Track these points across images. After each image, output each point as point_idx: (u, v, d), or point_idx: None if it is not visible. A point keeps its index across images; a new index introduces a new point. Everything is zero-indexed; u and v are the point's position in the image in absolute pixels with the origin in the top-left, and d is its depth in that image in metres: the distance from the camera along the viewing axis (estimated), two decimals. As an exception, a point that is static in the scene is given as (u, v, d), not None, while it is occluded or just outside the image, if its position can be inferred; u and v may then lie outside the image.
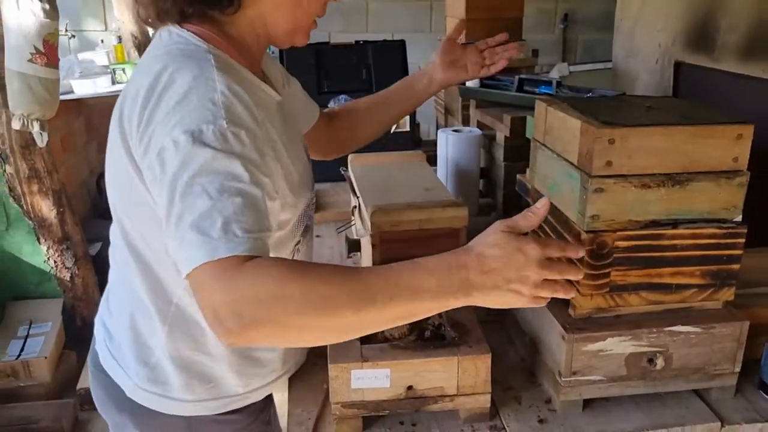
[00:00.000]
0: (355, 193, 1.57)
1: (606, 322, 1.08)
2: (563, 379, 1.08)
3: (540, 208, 0.86)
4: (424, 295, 0.78)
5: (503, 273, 0.79)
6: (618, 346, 1.07)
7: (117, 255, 1.07)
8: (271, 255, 0.82)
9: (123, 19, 4.48)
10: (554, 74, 4.67)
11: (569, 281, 0.85)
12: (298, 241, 1.11)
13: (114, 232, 1.06)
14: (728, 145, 1.03)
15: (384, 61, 2.41)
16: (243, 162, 0.83)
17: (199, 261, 0.76)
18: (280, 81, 1.23)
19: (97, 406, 1.18)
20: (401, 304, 0.78)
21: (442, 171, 1.90)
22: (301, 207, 1.07)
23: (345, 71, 2.39)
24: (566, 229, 1.10)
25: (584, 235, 1.03)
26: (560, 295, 0.84)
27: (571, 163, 1.07)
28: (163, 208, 0.83)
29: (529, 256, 0.80)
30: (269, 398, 1.22)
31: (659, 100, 1.23)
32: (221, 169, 0.81)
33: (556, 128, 1.14)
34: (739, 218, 1.07)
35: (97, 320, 1.17)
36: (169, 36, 0.96)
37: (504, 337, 1.32)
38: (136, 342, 1.05)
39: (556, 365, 1.10)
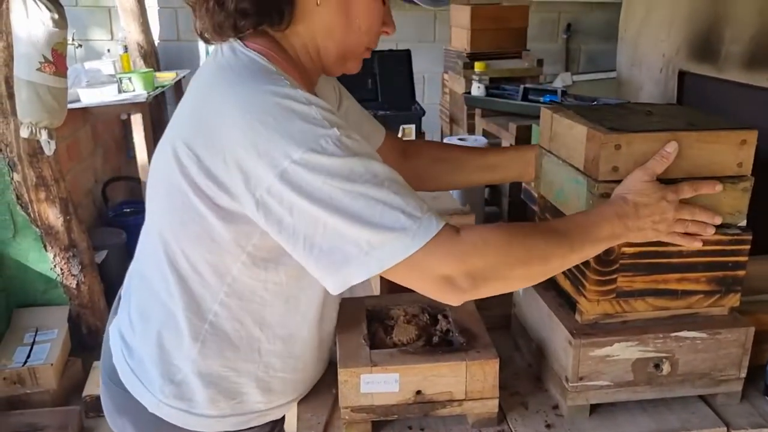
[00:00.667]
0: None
1: (613, 328, 1.09)
2: (570, 385, 1.09)
3: (670, 152, 1.00)
4: (603, 241, 0.97)
5: (651, 217, 0.98)
6: (625, 351, 1.08)
7: (149, 270, 1.05)
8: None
9: (129, 29, 4.53)
10: (558, 83, 4.70)
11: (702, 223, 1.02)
12: None
13: (149, 248, 1.04)
14: (732, 151, 1.04)
15: (390, 71, 2.44)
16: (370, 156, 0.87)
17: (412, 249, 0.83)
18: (333, 98, 1.23)
19: (108, 418, 1.17)
20: (589, 248, 0.96)
21: (448, 179, 1.91)
22: None
23: (351, 81, 2.41)
24: (573, 236, 1.11)
25: (591, 242, 1.04)
26: (692, 231, 1.02)
27: (577, 169, 1.09)
28: (305, 230, 0.85)
29: (669, 202, 0.99)
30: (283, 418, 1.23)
31: (661, 107, 1.24)
32: (364, 171, 0.84)
33: (562, 135, 1.16)
34: (744, 223, 1.07)
35: (113, 332, 1.13)
36: (234, 54, 0.94)
37: (511, 343, 1.33)
38: (162, 359, 1.04)
39: (563, 370, 1.11)
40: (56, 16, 2.49)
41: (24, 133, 2.58)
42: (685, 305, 1.10)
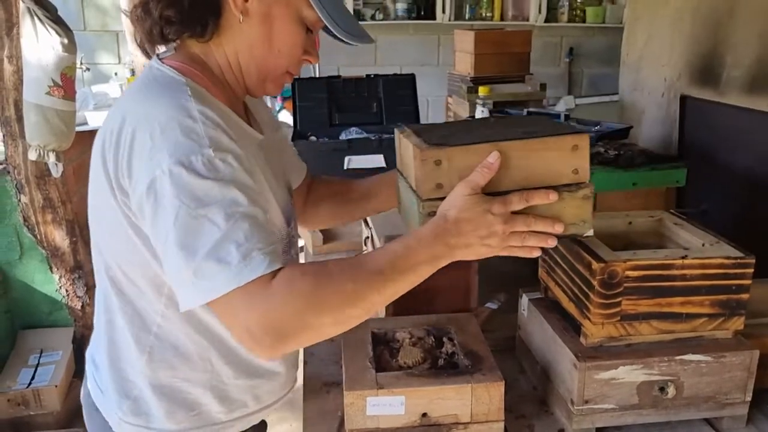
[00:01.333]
0: (367, 224, 1.60)
1: (617, 351, 1.10)
2: (576, 408, 1.09)
3: (492, 162, 0.95)
4: (421, 266, 0.92)
5: (477, 232, 0.92)
6: (630, 374, 1.08)
7: (99, 288, 1.08)
8: None
9: (136, 52, 4.57)
10: (560, 107, 4.73)
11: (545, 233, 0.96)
12: None
13: (96, 266, 1.06)
14: (565, 157, 0.98)
15: (394, 95, 2.46)
16: (237, 186, 0.88)
17: (226, 288, 0.83)
18: (270, 125, 1.24)
19: None
20: (409, 276, 0.91)
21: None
22: (283, 238, 1.08)
23: (356, 104, 2.45)
24: (577, 259, 1.12)
25: (595, 265, 1.05)
26: (531, 244, 0.96)
27: (412, 189, 1.05)
28: (160, 240, 0.87)
29: (495, 215, 0.93)
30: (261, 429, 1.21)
31: (516, 119, 1.20)
32: (220, 198, 0.86)
33: (403, 155, 1.13)
34: (591, 232, 1.01)
35: (87, 354, 1.16)
36: (150, 70, 0.99)
37: (516, 366, 1.33)
38: (117, 375, 1.06)
39: (569, 393, 1.11)
40: (66, 40, 2.53)
41: (32, 155, 2.61)
42: (690, 328, 1.11)
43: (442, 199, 0.96)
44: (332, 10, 1.00)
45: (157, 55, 1.03)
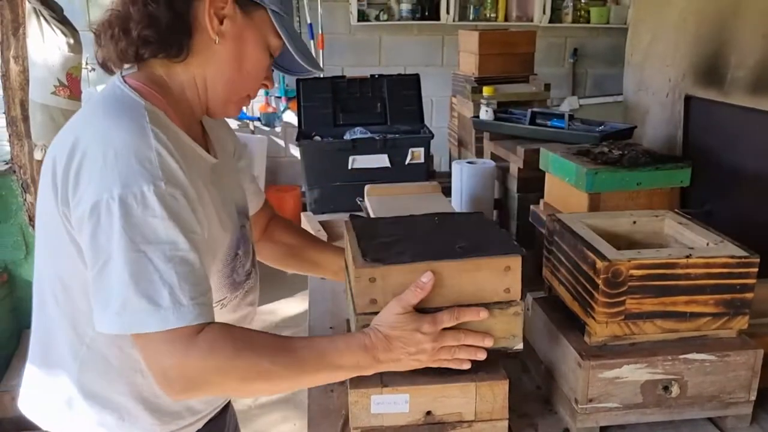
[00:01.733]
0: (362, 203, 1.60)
1: (622, 350, 1.10)
2: (580, 407, 1.09)
3: (426, 282, 1.00)
4: (343, 370, 0.99)
5: (405, 349, 0.99)
6: (634, 373, 1.09)
7: (35, 296, 1.10)
8: None
9: (141, 52, 4.59)
10: (565, 107, 4.73)
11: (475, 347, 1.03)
12: (223, 298, 1.12)
13: (35, 276, 1.09)
14: (498, 278, 1.03)
15: (399, 95, 2.47)
16: (182, 227, 0.91)
17: (151, 328, 0.88)
18: (230, 149, 1.26)
19: None
20: (325, 375, 1.00)
21: (457, 202, 1.93)
22: (228, 260, 1.11)
23: (361, 104, 2.45)
24: (581, 258, 1.12)
25: (599, 264, 1.06)
26: (461, 356, 1.02)
27: (351, 292, 1.09)
28: (97, 262, 0.89)
29: (425, 333, 0.99)
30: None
31: (462, 222, 1.22)
32: (163, 238, 0.89)
33: (346, 250, 1.18)
34: (520, 346, 1.06)
35: (25, 369, 1.16)
36: (111, 88, 1.01)
37: (519, 365, 1.33)
38: (52, 382, 1.06)
39: (573, 392, 1.11)
40: (72, 41, 2.55)
41: (38, 155, 2.63)
42: (694, 327, 1.11)
43: (376, 313, 1.02)
44: (296, 39, 1.07)
45: (120, 73, 1.04)
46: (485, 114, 2.19)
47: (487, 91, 2.28)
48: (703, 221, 1.26)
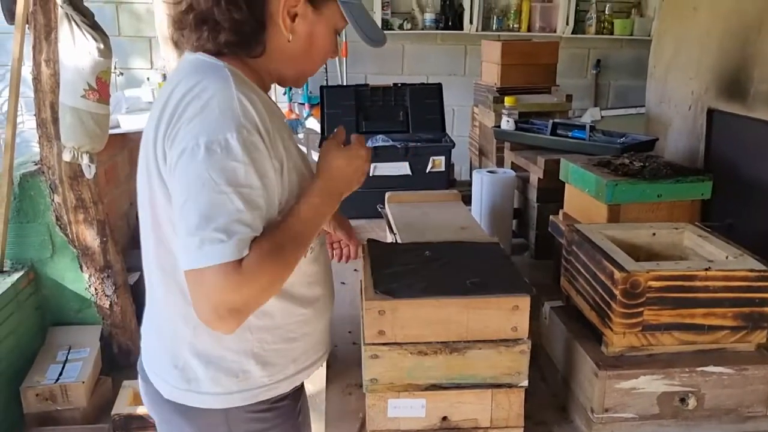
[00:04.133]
0: (392, 230, 1.62)
1: (639, 361, 1.11)
2: (595, 416, 1.10)
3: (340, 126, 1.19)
4: (326, 216, 1.13)
5: (357, 174, 1.16)
6: (650, 384, 1.09)
7: (146, 270, 1.18)
8: None
9: (168, 57, 4.66)
10: (586, 118, 4.71)
11: None
12: (311, 250, 1.18)
13: (143, 250, 1.16)
14: (505, 316, 1.05)
15: (421, 103, 2.49)
16: (258, 172, 0.99)
17: (221, 258, 0.93)
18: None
19: (146, 407, 1.27)
20: (318, 227, 1.11)
21: (477, 210, 1.94)
22: None
23: (383, 112, 2.48)
24: (600, 269, 1.13)
25: (617, 275, 1.06)
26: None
27: (363, 328, 1.11)
28: (181, 199, 0.98)
29: (360, 154, 1.16)
30: (300, 399, 1.27)
31: (475, 253, 1.23)
32: (243, 181, 0.97)
33: (362, 271, 1.21)
34: (525, 383, 1.07)
35: (142, 331, 1.26)
36: (194, 58, 1.10)
37: (536, 373, 1.34)
38: (164, 347, 1.16)
39: (589, 402, 1.12)
40: (102, 46, 2.60)
41: (66, 156, 2.68)
42: (712, 340, 1.11)
43: (384, 344, 1.05)
44: (362, 22, 1.13)
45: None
46: (506, 124, 2.20)
47: (508, 101, 2.29)
48: (724, 234, 1.26)
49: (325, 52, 1.16)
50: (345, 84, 4.75)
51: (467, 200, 1.96)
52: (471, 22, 4.71)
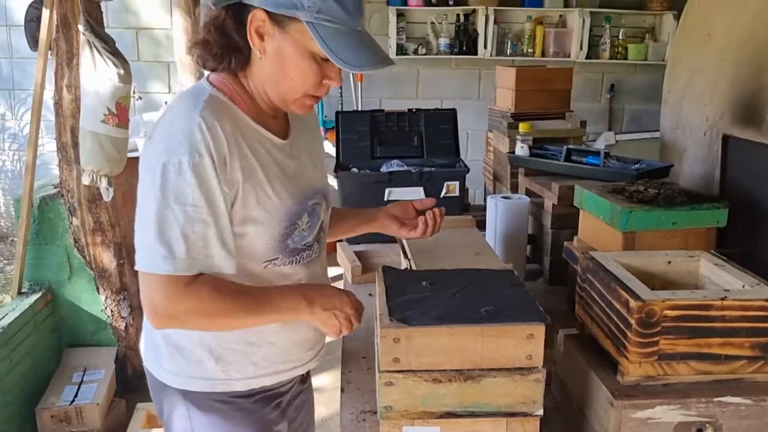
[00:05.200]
0: (406, 255, 1.63)
1: (655, 390, 1.10)
2: (611, 446, 1.09)
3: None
4: (292, 313, 1.21)
5: (334, 304, 1.21)
6: (667, 414, 1.08)
7: None
8: (240, 260, 1.18)
9: (185, 82, 4.74)
10: (600, 143, 4.72)
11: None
12: (275, 258, 1.25)
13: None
14: (520, 345, 1.05)
15: (436, 129, 2.50)
16: (206, 192, 1.10)
17: (161, 270, 1.09)
18: (315, 137, 1.43)
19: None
20: (278, 315, 1.21)
21: (491, 236, 1.94)
22: (281, 225, 1.24)
23: (398, 137, 2.50)
24: (615, 297, 1.13)
25: (633, 303, 1.06)
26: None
27: (378, 355, 1.12)
28: (137, 210, 1.12)
29: (345, 297, 1.23)
30: (275, 403, 1.33)
31: (490, 281, 1.23)
32: (189, 200, 1.09)
33: (376, 296, 1.23)
34: (540, 412, 1.07)
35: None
36: (196, 83, 1.24)
37: (551, 401, 1.33)
38: (147, 328, 1.33)
39: (604, 431, 1.11)
40: (122, 71, 2.64)
41: (85, 180, 2.72)
42: (729, 370, 1.10)
43: (401, 371, 1.06)
44: (334, 43, 1.12)
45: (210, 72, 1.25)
46: (521, 150, 2.21)
47: (523, 127, 2.31)
48: (740, 262, 1.25)
49: (302, 73, 1.16)
50: (360, 109, 4.79)
51: (481, 225, 1.97)
52: (485, 47, 4.75)
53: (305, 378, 1.45)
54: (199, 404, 1.28)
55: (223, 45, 1.18)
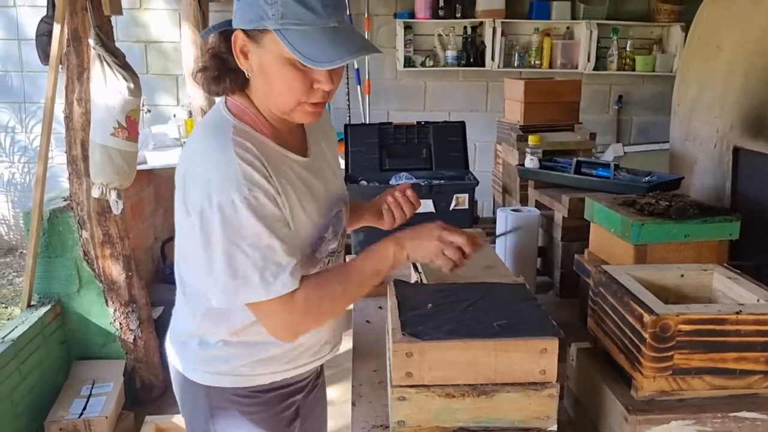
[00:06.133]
0: (417, 269, 1.62)
1: (669, 405, 1.09)
2: (626, 462, 1.08)
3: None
4: (389, 267, 1.26)
5: (426, 238, 1.26)
6: (682, 429, 1.07)
7: (176, 269, 1.38)
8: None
9: (193, 95, 4.77)
10: (609, 154, 4.71)
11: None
12: (317, 266, 1.33)
13: (176, 270, 1.37)
14: (533, 359, 1.04)
15: (444, 141, 2.51)
16: (264, 221, 1.15)
17: (262, 297, 1.17)
18: (331, 140, 1.48)
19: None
20: (381, 275, 1.26)
21: (501, 249, 1.94)
22: (311, 242, 1.30)
23: (407, 150, 2.50)
24: (628, 311, 1.12)
25: (647, 318, 1.06)
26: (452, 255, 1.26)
27: (390, 370, 1.11)
28: (204, 256, 1.17)
29: (434, 227, 1.28)
30: (290, 401, 1.41)
31: (503, 296, 1.22)
32: (250, 232, 1.14)
33: (388, 310, 1.24)
34: (554, 427, 1.07)
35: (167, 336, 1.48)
36: (214, 109, 1.28)
37: (564, 415, 1.32)
38: (176, 334, 1.41)
39: (619, 447, 1.10)
40: (132, 85, 2.66)
41: (95, 193, 2.73)
42: (744, 385, 1.09)
43: (413, 386, 1.06)
44: (302, 45, 1.11)
45: (226, 95, 1.28)
46: (530, 162, 2.21)
47: (532, 140, 2.30)
48: (753, 275, 1.24)
49: (285, 82, 1.17)
50: (368, 122, 4.81)
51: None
52: (493, 59, 4.76)
53: (320, 373, 1.57)
54: (220, 400, 1.34)
55: (220, 69, 1.24)
